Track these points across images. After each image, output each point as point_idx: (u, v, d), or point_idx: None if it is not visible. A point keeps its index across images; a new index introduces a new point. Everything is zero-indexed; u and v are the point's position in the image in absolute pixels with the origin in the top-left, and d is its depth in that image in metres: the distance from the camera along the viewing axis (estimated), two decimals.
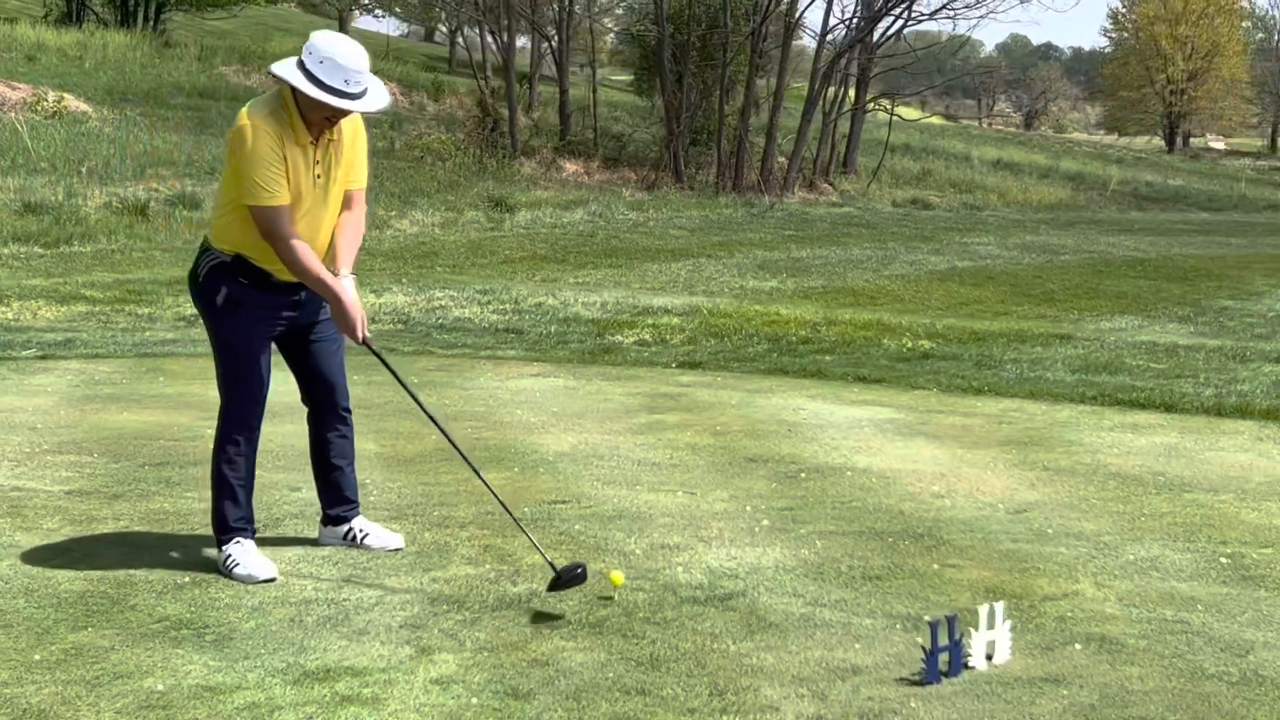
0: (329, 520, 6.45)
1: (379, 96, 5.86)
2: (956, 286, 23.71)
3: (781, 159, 35.42)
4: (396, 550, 6.38)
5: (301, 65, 5.72)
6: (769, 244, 26.45)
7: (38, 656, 4.97)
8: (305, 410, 6.34)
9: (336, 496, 6.42)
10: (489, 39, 37.88)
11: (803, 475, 7.86)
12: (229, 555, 6.02)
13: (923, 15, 40.61)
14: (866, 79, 39.56)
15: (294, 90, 5.73)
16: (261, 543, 6.17)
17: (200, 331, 10.45)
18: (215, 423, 6.16)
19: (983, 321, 17.54)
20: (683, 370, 11.66)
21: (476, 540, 6.51)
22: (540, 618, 5.50)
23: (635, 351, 12.70)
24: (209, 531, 6.17)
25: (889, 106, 40.08)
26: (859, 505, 7.22)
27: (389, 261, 20.62)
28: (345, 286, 5.90)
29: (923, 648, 5.02)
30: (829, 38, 37.37)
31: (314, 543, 6.45)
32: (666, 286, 19.39)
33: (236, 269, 5.89)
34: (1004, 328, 15.25)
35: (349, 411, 6.38)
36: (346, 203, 6.08)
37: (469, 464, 6.22)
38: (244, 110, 5.78)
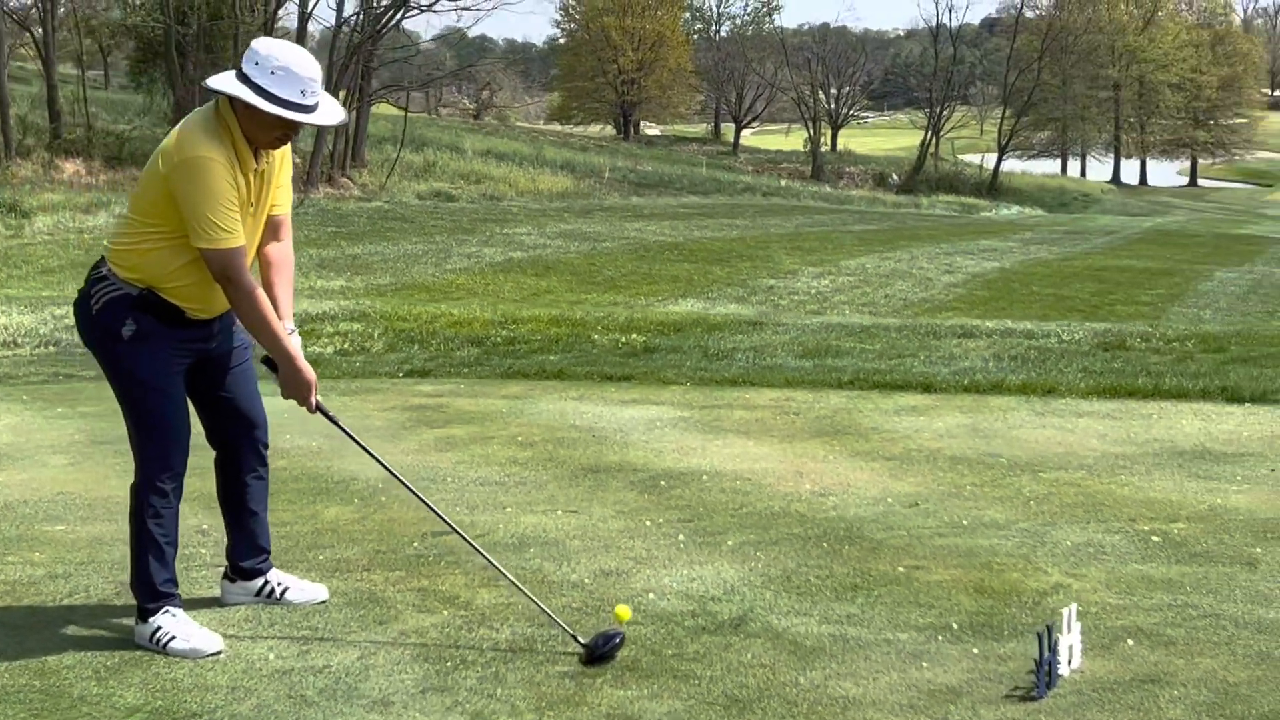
0: (241, 574, 5.61)
1: (335, 107, 5.11)
2: (521, 277, 23.71)
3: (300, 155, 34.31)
4: (322, 603, 5.60)
5: (246, 78, 4.87)
6: (318, 242, 25.61)
7: None
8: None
9: (250, 547, 5.59)
10: None
11: (662, 483, 7.49)
12: (159, 628, 5.12)
13: (422, 6, 39.72)
14: (370, 71, 38.88)
15: (237, 108, 4.87)
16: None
17: None
18: None
19: (579, 309, 17.52)
20: (414, 379, 10.99)
21: (401, 584, 5.87)
22: (550, 664, 4.99)
23: (345, 363, 11.88)
24: (76, 600, 5.38)
25: (395, 100, 39.65)
26: (754, 511, 6.94)
27: None
28: (296, 347, 5.13)
29: (1035, 660, 4.80)
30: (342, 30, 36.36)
31: (217, 602, 5.58)
32: None
33: (143, 304, 5.02)
34: (678, 316, 15.27)
35: (267, 448, 5.54)
36: (273, 230, 5.26)
37: (449, 524, 5.61)
38: (184, 135, 4.92)
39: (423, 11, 37.21)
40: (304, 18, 33.83)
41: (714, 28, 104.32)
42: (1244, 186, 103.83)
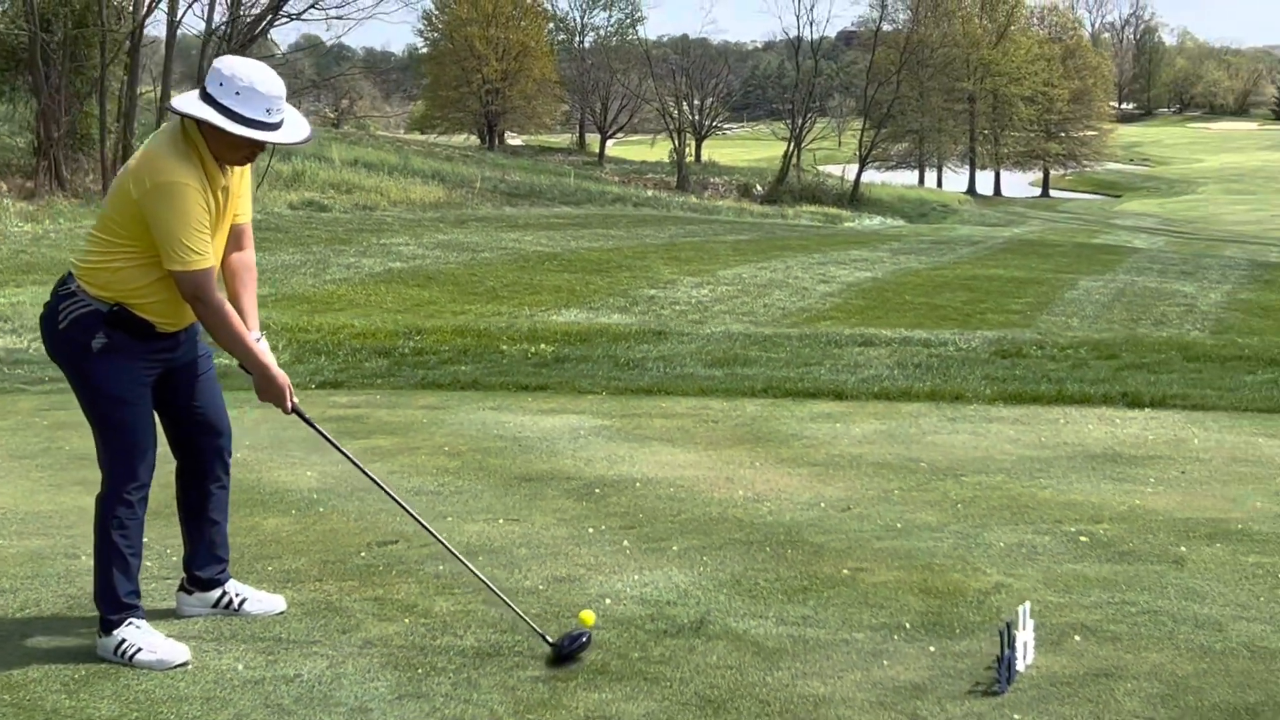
0: (199, 585, 5.62)
1: (301, 123, 5.14)
2: (403, 288, 23.63)
3: None
4: (281, 614, 5.63)
5: (211, 98, 4.90)
6: None
7: None
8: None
9: (209, 557, 5.61)
10: None
11: (597, 491, 7.58)
12: (124, 641, 5.13)
13: (291, 15, 39.27)
14: None
15: (203, 128, 4.90)
16: None
17: None
18: None
19: (460, 319, 17.53)
20: (327, 390, 10.94)
21: (355, 593, 5.93)
22: (521, 669, 5.07)
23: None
24: (29, 613, 5.42)
25: None
26: (692, 517, 7.06)
27: None
28: (266, 353, 5.17)
29: (996, 657, 4.98)
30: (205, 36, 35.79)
31: (173, 615, 5.59)
32: None
33: (114, 320, 5.05)
34: (581, 327, 15.32)
35: (230, 457, 5.56)
36: (236, 240, 5.30)
37: (432, 533, 5.67)
38: (154, 159, 4.96)
39: (292, 20, 36.86)
40: (173, 25, 33.30)
41: (578, 38, 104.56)
42: (1095, 197, 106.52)
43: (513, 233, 33.24)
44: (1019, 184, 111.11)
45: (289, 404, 5.32)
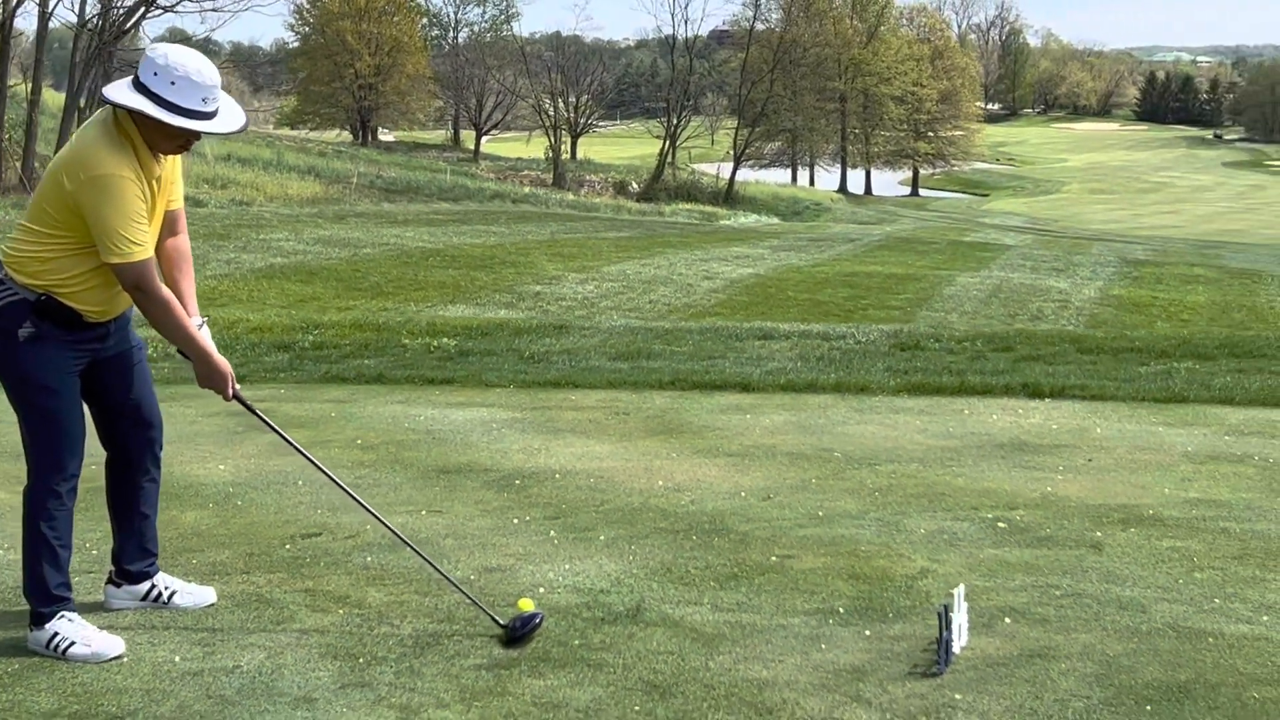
0: (127, 578, 5.53)
1: (236, 111, 5.08)
2: (285, 283, 23.41)
3: (46, 154, 33.04)
4: (210, 606, 5.56)
5: (145, 88, 4.82)
6: None
7: None
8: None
9: (137, 550, 5.54)
10: None
11: (517, 482, 7.57)
12: (56, 634, 5.05)
13: (165, 7, 38.49)
14: (109, 74, 37.65)
15: (136, 118, 4.83)
16: None
17: None
18: None
19: (352, 314, 17.39)
20: None
21: (285, 585, 5.88)
22: (463, 658, 5.06)
23: (152, 369, 11.50)
24: None
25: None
26: (615, 507, 7.08)
27: None
28: (207, 339, 5.11)
29: (939, 640, 5.05)
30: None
31: (100, 608, 5.50)
32: None
33: (42, 309, 4.98)
34: (481, 321, 15.24)
35: (161, 449, 5.48)
36: (170, 226, 5.23)
37: (384, 524, 5.75)
38: (88, 150, 4.87)
39: (165, 12, 36.23)
40: (44, 17, 32.63)
41: (452, 34, 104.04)
42: (962, 196, 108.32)
43: (393, 229, 33.03)
44: (889, 183, 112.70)
45: (230, 391, 5.26)
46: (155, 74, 4.85)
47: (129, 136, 4.91)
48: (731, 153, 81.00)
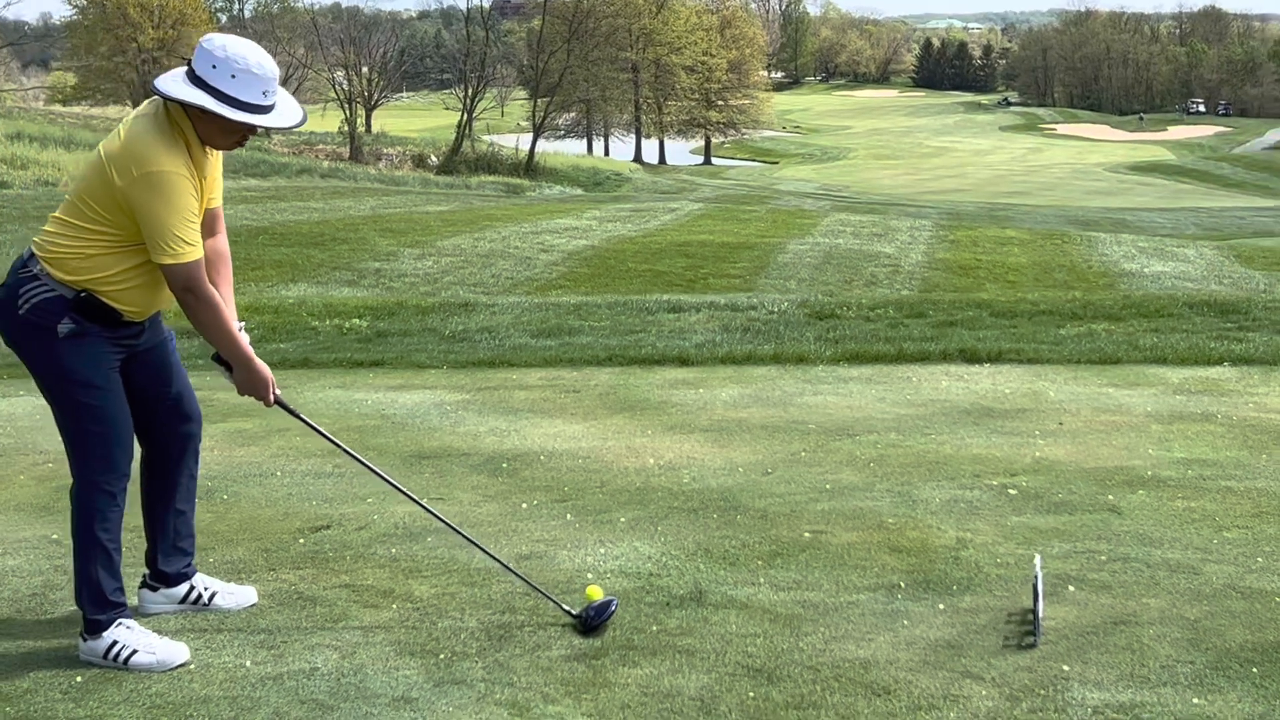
0: (164, 580, 5.23)
1: (293, 105, 4.82)
2: None
3: None
4: (253, 606, 5.27)
5: (203, 82, 4.51)
6: None
7: None
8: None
9: (173, 550, 5.23)
10: None
11: (504, 465, 7.37)
12: (115, 642, 4.75)
13: None
14: None
15: (190, 111, 4.56)
16: None
17: None
18: None
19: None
20: None
21: (320, 581, 5.63)
22: (545, 649, 4.89)
23: None
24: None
25: None
26: (620, 487, 6.91)
27: None
28: (248, 345, 4.90)
29: (1033, 611, 5.01)
30: None
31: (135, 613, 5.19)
32: None
33: (80, 306, 4.67)
34: (362, 301, 14.82)
35: (200, 444, 5.18)
36: (209, 226, 4.92)
37: (444, 521, 5.44)
38: (141, 145, 4.56)
39: None
40: None
41: (237, 5, 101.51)
42: (754, 165, 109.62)
43: (229, 207, 32.08)
44: (681, 152, 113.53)
45: (271, 396, 4.97)
46: (214, 66, 4.56)
47: (182, 131, 4.61)
48: (522, 124, 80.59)
